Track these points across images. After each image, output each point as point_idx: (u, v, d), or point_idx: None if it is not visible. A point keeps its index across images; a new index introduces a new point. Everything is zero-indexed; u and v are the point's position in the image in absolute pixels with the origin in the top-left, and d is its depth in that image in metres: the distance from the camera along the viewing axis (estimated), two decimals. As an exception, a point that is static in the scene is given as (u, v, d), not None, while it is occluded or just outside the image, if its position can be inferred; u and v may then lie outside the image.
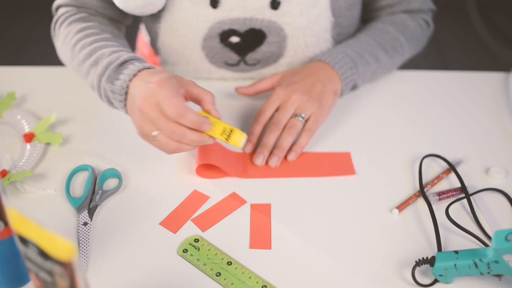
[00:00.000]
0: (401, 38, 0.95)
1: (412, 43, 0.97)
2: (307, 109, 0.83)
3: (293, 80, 0.86)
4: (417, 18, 0.98)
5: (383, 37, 0.93)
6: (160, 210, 0.76)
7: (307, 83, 0.85)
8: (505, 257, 0.61)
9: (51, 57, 1.09)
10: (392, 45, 0.94)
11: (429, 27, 1.01)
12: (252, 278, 0.67)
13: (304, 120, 0.83)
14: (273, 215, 0.76)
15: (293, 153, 0.83)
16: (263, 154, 0.82)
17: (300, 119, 0.82)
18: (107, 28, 0.89)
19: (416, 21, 0.97)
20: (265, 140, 0.83)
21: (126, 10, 0.86)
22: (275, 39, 0.90)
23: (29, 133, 0.85)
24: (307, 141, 0.83)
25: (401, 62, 0.98)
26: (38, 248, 0.48)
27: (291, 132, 0.82)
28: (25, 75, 1.01)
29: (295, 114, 0.83)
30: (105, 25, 0.90)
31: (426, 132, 0.89)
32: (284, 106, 0.83)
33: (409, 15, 0.97)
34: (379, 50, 0.92)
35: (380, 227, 0.74)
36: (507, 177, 0.81)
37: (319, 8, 0.88)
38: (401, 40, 0.94)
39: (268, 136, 0.83)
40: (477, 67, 1.25)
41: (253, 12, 0.87)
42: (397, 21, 0.96)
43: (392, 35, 0.94)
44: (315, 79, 0.86)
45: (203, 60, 0.94)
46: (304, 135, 0.83)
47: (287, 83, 0.86)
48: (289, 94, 0.84)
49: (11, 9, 2.47)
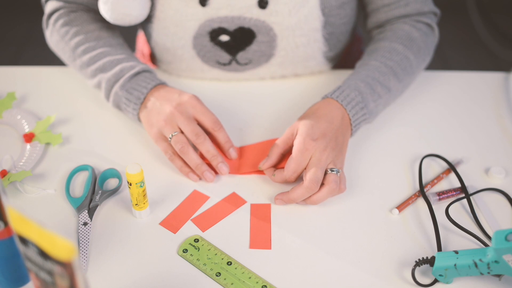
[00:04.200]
0: (410, 55, 0.90)
1: (420, 57, 0.92)
2: (336, 164, 0.77)
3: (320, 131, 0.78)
4: (419, 24, 0.93)
5: (393, 59, 0.89)
6: (160, 210, 0.76)
7: (333, 136, 0.79)
8: (505, 257, 0.61)
9: (51, 57, 1.09)
10: (403, 67, 0.89)
11: (434, 31, 0.96)
12: (252, 278, 0.67)
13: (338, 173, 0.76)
14: (273, 215, 0.76)
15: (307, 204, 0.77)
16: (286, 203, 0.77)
17: (335, 173, 0.76)
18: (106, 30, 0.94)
19: (420, 30, 0.93)
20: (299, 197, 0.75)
21: (110, 21, 0.89)
22: (264, 39, 0.90)
23: (29, 133, 0.85)
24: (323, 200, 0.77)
25: (412, 82, 0.94)
26: (38, 248, 0.48)
27: (334, 190, 0.75)
28: (25, 75, 1.01)
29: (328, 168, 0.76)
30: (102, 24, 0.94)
31: (426, 132, 0.89)
32: (319, 164, 0.75)
33: (411, 24, 0.93)
34: (391, 78, 0.87)
35: (380, 227, 0.74)
36: (507, 177, 0.81)
37: (308, 8, 0.88)
38: (410, 58, 0.90)
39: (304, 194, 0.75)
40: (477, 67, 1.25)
41: (242, 10, 0.87)
42: (402, 36, 0.91)
43: (402, 54, 0.89)
44: (338, 131, 0.80)
45: (195, 59, 0.94)
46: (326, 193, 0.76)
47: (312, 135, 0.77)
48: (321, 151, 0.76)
49: (11, 9, 2.47)
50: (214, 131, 0.82)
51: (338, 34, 0.95)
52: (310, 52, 0.94)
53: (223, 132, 0.82)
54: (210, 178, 0.79)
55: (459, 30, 2.32)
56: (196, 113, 0.82)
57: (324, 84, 0.98)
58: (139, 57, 1.15)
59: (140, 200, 0.73)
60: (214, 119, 0.82)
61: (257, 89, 0.97)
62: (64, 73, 1.00)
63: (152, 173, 0.81)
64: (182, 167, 0.80)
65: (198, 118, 0.82)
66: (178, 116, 0.81)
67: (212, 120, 0.82)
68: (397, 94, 0.91)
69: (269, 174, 0.80)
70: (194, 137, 0.80)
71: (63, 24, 0.93)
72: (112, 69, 0.88)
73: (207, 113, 0.82)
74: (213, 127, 0.82)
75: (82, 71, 0.92)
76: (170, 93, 0.84)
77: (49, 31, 0.96)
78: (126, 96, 0.86)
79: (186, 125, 0.80)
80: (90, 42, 0.91)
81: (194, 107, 0.82)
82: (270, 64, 0.95)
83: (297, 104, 0.93)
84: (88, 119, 0.91)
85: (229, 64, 0.94)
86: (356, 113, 0.83)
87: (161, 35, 0.93)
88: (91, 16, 0.94)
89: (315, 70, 1.00)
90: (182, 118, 0.80)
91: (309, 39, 0.92)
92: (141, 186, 0.72)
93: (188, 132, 0.80)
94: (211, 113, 0.82)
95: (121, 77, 0.87)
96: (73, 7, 0.94)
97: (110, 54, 0.90)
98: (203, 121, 0.82)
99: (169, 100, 0.82)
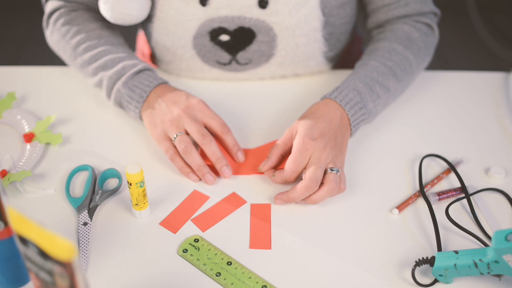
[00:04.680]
0: (409, 55, 0.90)
1: (419, 57, 0.92)
2: (336, 163, 0.77)
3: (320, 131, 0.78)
4: (419, 25, 0.93)
5: (392, 59, 0.89)
6: (160, 210, 0.76)
7: (332, 135, 0.79)
8: (505, 257, 0.61)
9: (51, 57, 1.09)
10: (403, 67, 0.89)
11: (434, 31, 0.95)
12: (252, 278, 0.67)
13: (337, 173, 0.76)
14: (273, 215, 0.76)
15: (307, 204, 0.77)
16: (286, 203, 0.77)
17: (335, 172, 0.76)
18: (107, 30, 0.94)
19: (420, 31, 0.93)
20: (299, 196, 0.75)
21: (110, 21, 0.89)
22: (264, 39, 0.90)
23: (29, 133, 0.85)
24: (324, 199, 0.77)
25: (411, 82, 0.94)
26: (38, 248, 0.48)
27: (334, 189, 0.75)
28: (25, 75, 1.01)
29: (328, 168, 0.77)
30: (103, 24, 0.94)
31: (426, 132, 0.89)
32: (318, 163, 0.75)
33: (410, 25, 0.93)
34: (390, 78, 0.87)
35: (380, 227, 0.74)
36: (507, 177, 0.81)
37: (308, 8, 0.88)
38: (410, 58, 0.90)
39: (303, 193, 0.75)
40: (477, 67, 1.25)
41: (242, 10, 0.87)
42: (402, 36, 0.91)
43: (401, 54, 0.90)
44: (337, 130, 0.80)
45: (195, 59, 0.94)
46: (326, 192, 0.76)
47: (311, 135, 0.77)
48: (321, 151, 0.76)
49: (11, 9, 2.47)
50: (222, 134, 0.82)
51: (338, 34, 0.95)
52: (310, 52, 0.94)
53: (231, 135, 0.82)
54: (211, 180, 0.79)
55: (459, 30, 2.32)
56: (203, 117, 0.82)
57: (324, 84, 0.98)
58: (139, 56, 1.15)
59: (140, 200, 0.73)
60: (222, 122, 0.82)
61: (257, 89, 0.97)
62: (64, 73, 1.00)
63: (152, 173, 0.81)
64: (183, 167, 0.80)
65: (206, 122, 0.82)
66: (185, 118, 0.81)
67: (220, 123, 0.82)
68: (396, 94, 0.91)
69: (269, 175, 0.80)
70: (200, 138, 0.80)
71: (64, 23, 0.93)
72: (114, 66, 0.88)
73: (215, 117, 0.82)
74: (221, 130, 0.82)
75: (83, 69, 0.92)
76: (177, 95, 0.84)
77: (49, 30, 0.96)
78: (128, 93, 0.86)
79: (193, 126, 0.80)
80: (92, 40, 0.91)
81: (202, 111, 0.82)
82: (270, 64, 0.95)
83: (297, 104, 0.93)
84: (88, 119, 0.91)
85: (229, 64, 0.94)
86: (355, 113, 0.83)
87: (161, 35, 0.93)
88: (92, 15, 0.94)
89: (315, 70, 1.00)
90: (189, 120, 0.81)
91: (309, 39, 0.92)
92: (141, 186, 0.72)
93: (194, 132, 0.80)
94: (219, 117, 0.83)
95: (123, 74, 0.87)
96: (73, 6, 0.94)
97: (112, 52, 0.90)
98: (211, 125, 0.82)
99: (176, 103, 0.82)
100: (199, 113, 0.82)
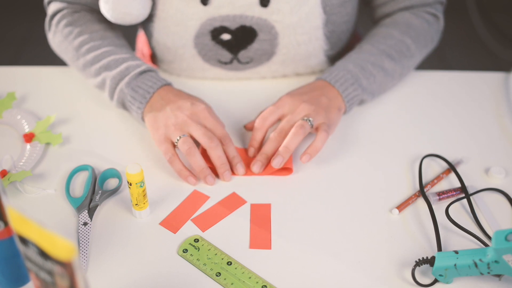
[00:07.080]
0: (407, 40, 0.92)
1: (420, 42, 0.94)
2: (315, 118, 0.81)
3: (299, 91, 0.86)
4: (422, 13, 0.95)
5: (387, 43, 0.91)
6: (160, 210, 0.76)
7: (314, 95, 0.84)
8: (505, 257, 0.61)
9: (51, 57, 1.09)
10: (398, 49, 0.91)
11: (438, 20, 0.97)
12: (252, 278, 0.67)
13: (312, 126, 0.81)
14: (273, 215, 0.76)
15: (307, 155, 0.80)
16: (262, 162, 0.81)
17: (308, 122, 0.80)
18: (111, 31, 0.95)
19: (421, 18, 0.94)
20: (266, 149, 0.82)
21: (111, 20, 0.89)
22: (266, 37, 0.90)
23: (29, 133, 0.85)
24: (322, 145, 0.80)
25: (413, 64, 0.95)
26: (38, 248, 0.48)
27: (300, 133, 0.80)
28: (25, 75, 1.01)
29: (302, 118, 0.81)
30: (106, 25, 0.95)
31: (426, 132, 0.89)
32: (291, 115, 0.82)
33: (412, 13, 0.95)
34: (383, 58, 0.90)
35: (380, 227, 0.74)
36: (507, 177, 0.81)
37: (310, 6, 0.88)
38: (407, 42, 0.92)
39: (269, 145, 0.81)
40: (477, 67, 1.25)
41: (243, 9, 0.87)
42: (400, 22, 0.94)
43: (397, 38, 0.92)
44: (320, 93, 0.85)
45: (196, 58, 0.94)
46: (320, 138, 0.80)
47: (292, 93, 0.85)
48: (296, 104, 0.83)
49: (11, 9, 2.47)
50: (223, 145, 0.82)
51: (339, 32, 0.95)
52: (311, 50, 0.94)
53: (232, 147, 0.82)
54: (212, 182, 0.79)
55: (459, 30, 2.32)
56: (206, 124, 0.82)
57: (324, 84, 0.98)
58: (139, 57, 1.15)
59: (140, 200, 0.73)
60: (224, 133, 0.82)
61: (258, 88, 0.97)
62: (64, 73, 1.00)
63: (152, 173, 0.81)
64: (182, 170, 0.80)
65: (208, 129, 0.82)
66: (191, 123, 0.80)
67: (223, 134, 0.82)
68: (395, 76, 0.93)
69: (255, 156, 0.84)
70: (208, 141, 0.79)
71: (67, 24, 0.93)
72: (117, 67, 0.88)
73: (218, 127, 0.82)
74: (223, 141, 0.82)
75: (86, 70, 0.92)
76: (182, 100, 0.83)
77: (52, 32, 0.96)
78: (132, 94, 0.86)
79: (200, 130, 0.80)
80: (95, 41, 0.91)
81: (206, 119, 0.82)
82: (271, 62, 0.95)
83: (297, 104, 0.93)
84: (88, 119, 0.91)
85: (230, 63, 0.94)
86: (347, 89, 0.86)
87: (162, 34, 0.93)
88: (95, 16, 0.94)
89: (316, 69, 1.00)
90: (195, 125, 0.80)
91: (311, 37, 0.92)
92: (141, 186, 0.72)
93: (201, 136, 0.80)
94: (222, 127, 0.82)
95: (127, 75, 0.87)
96: (76, 8, 0.94)
97: (115, 53, 0.90)
98: (216, 126, 0.82)
99: (181, 108, 0.82)
100: (203, 120, 0.82)
